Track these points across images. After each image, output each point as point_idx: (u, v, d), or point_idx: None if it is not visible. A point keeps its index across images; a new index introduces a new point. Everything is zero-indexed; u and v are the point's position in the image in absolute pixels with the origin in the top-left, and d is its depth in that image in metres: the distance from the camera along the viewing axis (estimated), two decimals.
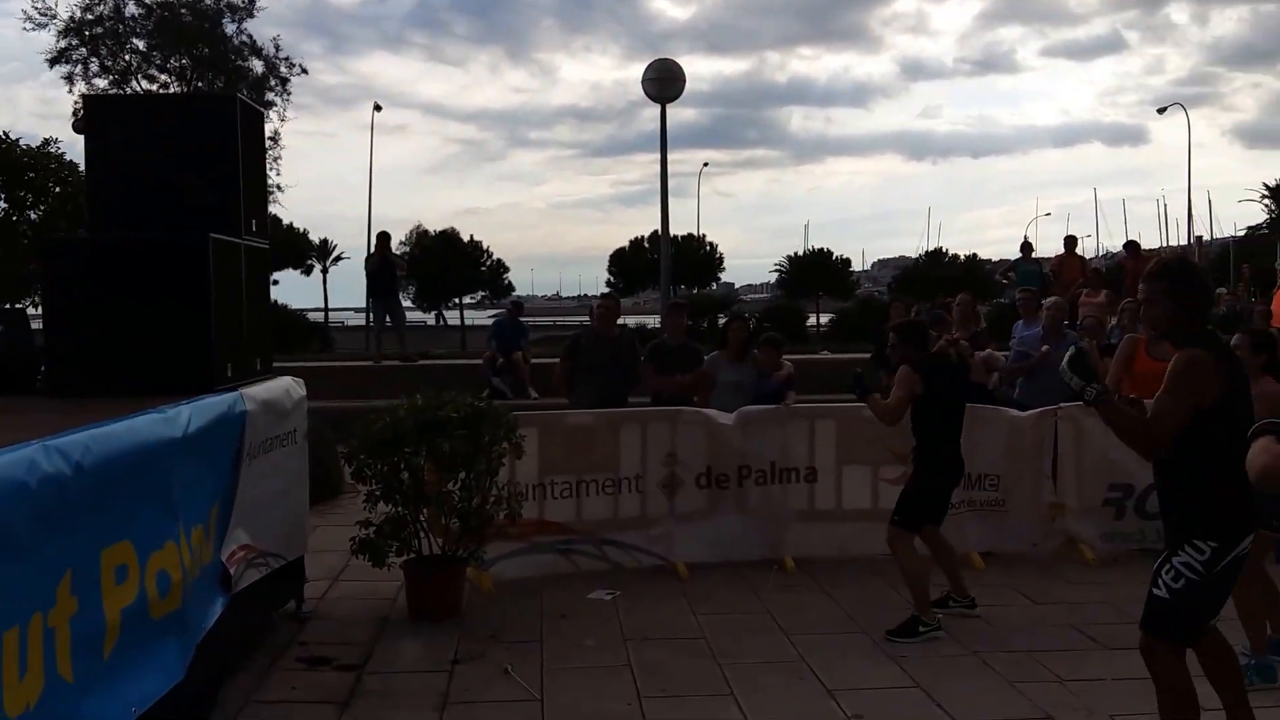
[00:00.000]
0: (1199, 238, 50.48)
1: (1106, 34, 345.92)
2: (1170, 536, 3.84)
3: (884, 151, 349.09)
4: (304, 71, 29.10)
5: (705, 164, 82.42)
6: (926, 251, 57.76)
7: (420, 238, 41.99)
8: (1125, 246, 16.62)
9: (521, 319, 15.56)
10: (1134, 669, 5.04)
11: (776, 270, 40.10)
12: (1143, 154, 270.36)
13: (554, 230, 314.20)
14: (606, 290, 33.44)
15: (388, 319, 15.81)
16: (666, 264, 17.40)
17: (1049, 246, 17.13)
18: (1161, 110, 69.17)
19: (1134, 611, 5.83)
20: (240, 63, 26.98)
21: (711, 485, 7.15)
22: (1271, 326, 10.05)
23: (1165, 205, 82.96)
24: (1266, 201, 58.20)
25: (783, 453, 7.20)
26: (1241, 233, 55.47)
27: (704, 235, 43.30)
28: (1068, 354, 3.85)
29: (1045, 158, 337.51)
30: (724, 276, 47.96)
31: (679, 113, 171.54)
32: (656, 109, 16.28)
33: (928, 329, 6.47)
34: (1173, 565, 3.74)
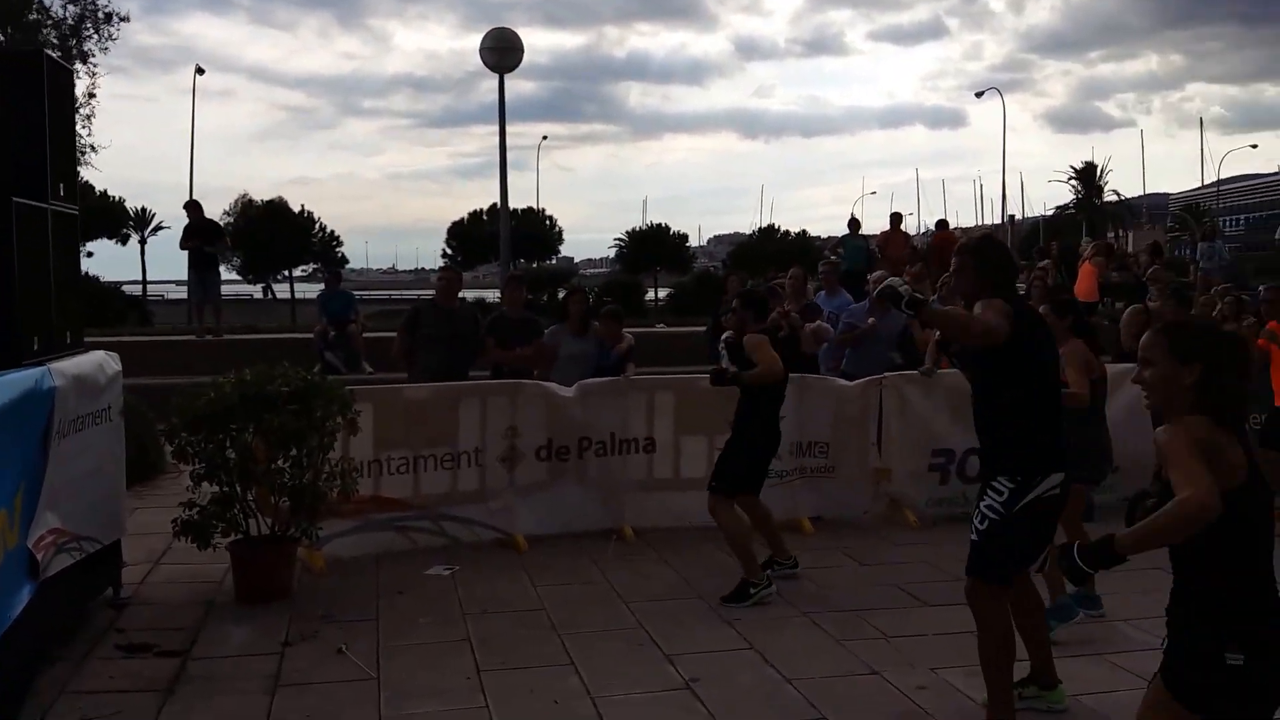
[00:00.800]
0: (1011, 217, 53.46)
1: (929, 20, 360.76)
2: (981, 483, 4.13)
3: (720, 129, 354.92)
4: (125, 20, 27.23)
5: (544, 137, 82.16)
6: (760, 228, 59.16)
7: (246, 207, 40.30)
8: (936, 224, 17.44)
9: (343, 288, 15.05)
10: (953, 624, 5.36)
11: (616, 245, 40.33)
12: (961, 136, 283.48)
13: (390, 202, 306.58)
14: (444, 263, 32.84)
15: (204, 292, 15.00)
16: (506, 237, 17.22)
17: (875, 224, 17.92)
18: (979, 95, 72.51)
19: (954, 570, 6.15)
20: (37, 16, 25.03)
21: (552, 458, 7.15)
22: (1074, 298, 10.69)
23: (981, 186, 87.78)
24: (1073, 183, 62.32)
25: (622, 424, 7.26)
26: (1050, 212, 59.16)
27: (544, 209, 43.19)
28: (888, 279, 4.12)
29: (872, 138, 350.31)
30: (564, 250, 47.98)
31: (517, 85, 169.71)
32: (495, 80, 16.05)
33: (768, 299, 6.61)
34: (979, 509, 4.01)
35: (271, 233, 35.12)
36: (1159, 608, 2.72)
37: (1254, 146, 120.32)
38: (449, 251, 41.15)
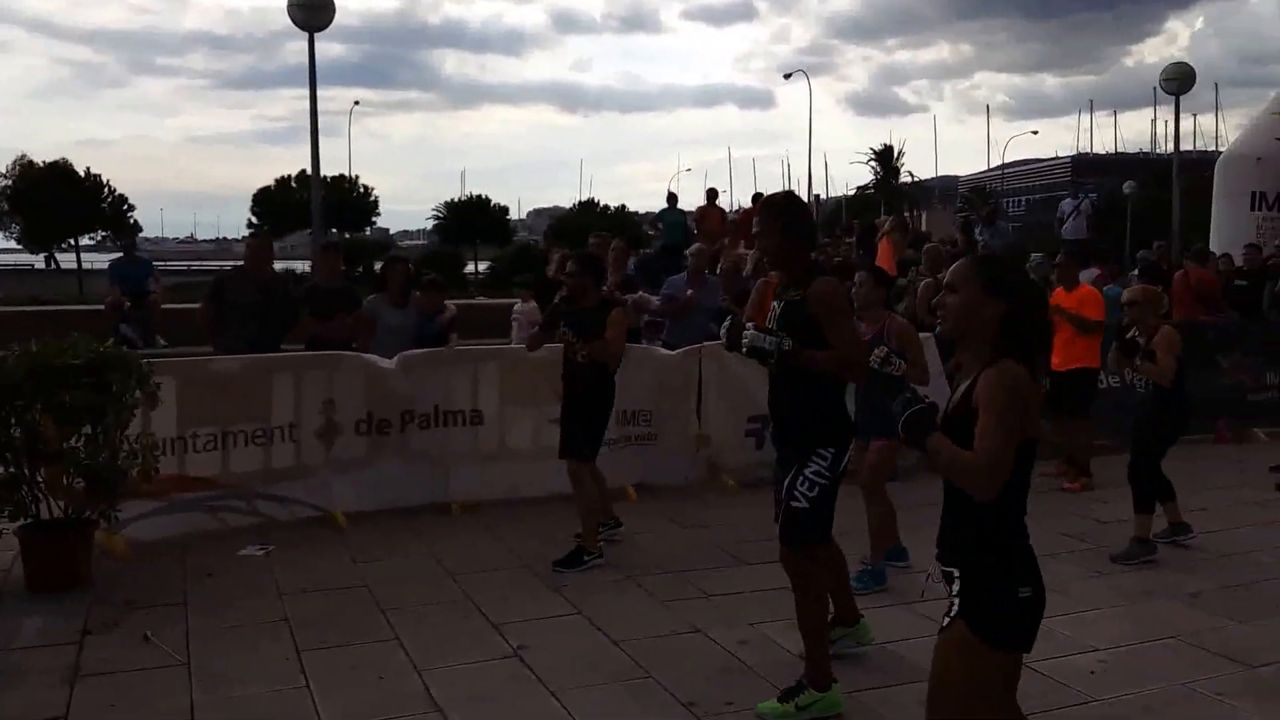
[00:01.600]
0: (817, 196, 55.43)
1: (739, 1, 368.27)
2: (792, 454, 4.21)
3: (538, 102, 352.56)
4: None
5: (356, 102, 79.48)
6: (580, 202, 59.34)
7: (25, 170, 37.32)
8: (753, 199, 17.88)
9: (139, 255, 14.14)
10: (771, 581, 5.55)
11: (434, 216, 39.63)
12: (770, 117, 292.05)
13: (187, 166, 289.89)
14: (251, 231, 31.39)
15: None
16: (318, 205, 16.55)
17: (691, 200, 18.20)
18: (787, 76, 74.36)
19: (770, 531, 6.34)
20: None
21: (372, 431, 6.98)
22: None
23: (789, 166, 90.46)
24: (873, 164, 65.21)
25: (447, 396, 7.16)
26: (852, 192, 61.69)
27: (357, 177, 41.91)
28: (749, 334, 4.05)
29: (687, 116, 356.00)
30: (379, 222, 46.70)
31: (327, 48, 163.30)
32: (301, 41, 15.34)
33: (605, 265, 6.61)
34: (805, 477, 4.12)
35: (55, 198, 32.67)
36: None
37: (1035, 133, 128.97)
38: (255, 220, 39.37)
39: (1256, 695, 4.27)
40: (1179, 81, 17.02)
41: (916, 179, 64.94)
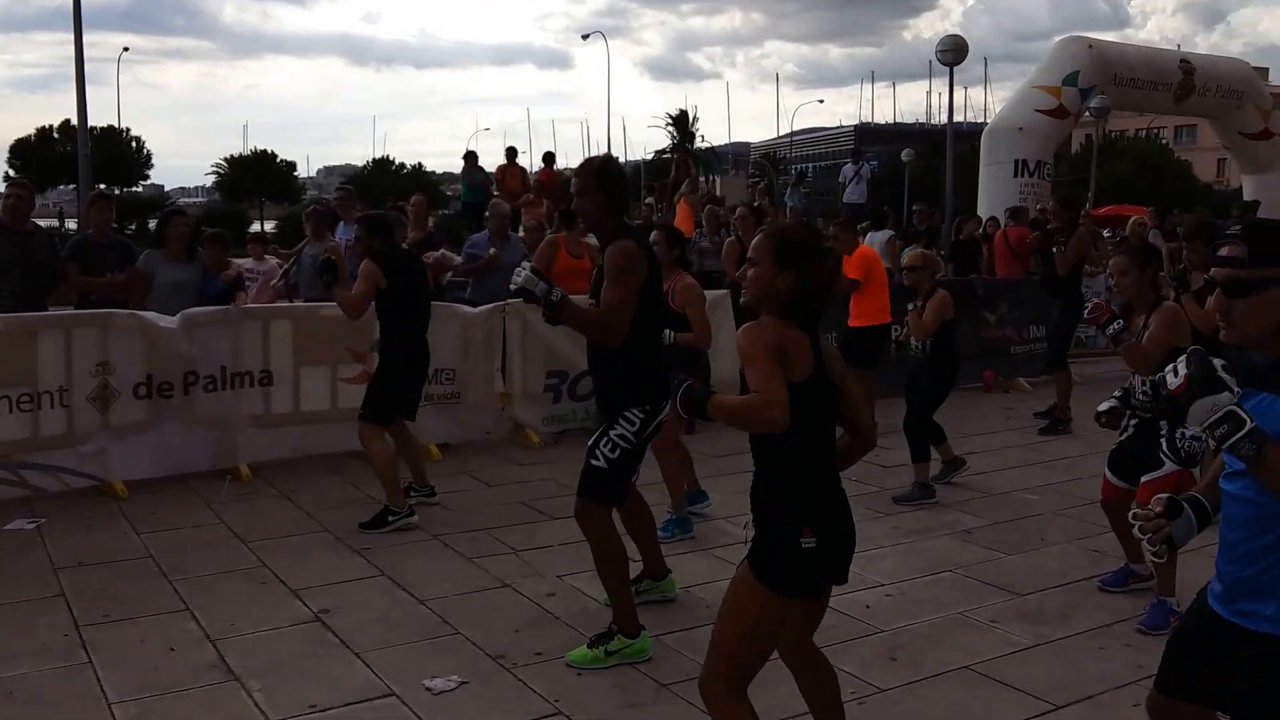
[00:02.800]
0: (615, 159, 55.75)
1: None
2: (605, 413, 4.26)
3: (326, 54, 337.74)
4: None
5: (125, 49, 73.86)
6: (373, 160, 57.50)
7: None
8: (544, 158, 17.75)
9: None
10: (575, 534, 5.56)
11: (215, 172, 37.49)
12: (569, 78, 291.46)
13: None
14: (9, 183, 28.80)
15: None
16: (85, 157, 15.39)
17: (490, 160, 17.89)
18: (585, 37, 74.12)
19: (573, 485, 6.46)
20: None
21: (153, 395, 6.56)
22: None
23: (588, 128, 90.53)
24: (670, 129, 66.19)
25: (234, 356, 6.81)
26: (650, 156, 62.46)
27: (128, 129, 39.11)
28: (522, 275, 4.01)
29: (485, 75, 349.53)
30: (154, 177, 43.78)
31: None
32: None
33: (393, 224, 6.42)
34: (609, 438, 4.15)
35: None
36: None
37: (821, 101, 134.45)
38: (13, 174, 36.15)
39: (1024, 620, 4.66)
40: (953, 53, 18.02)
41: (710, 145, 66.39)
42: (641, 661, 4.12)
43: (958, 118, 29.92)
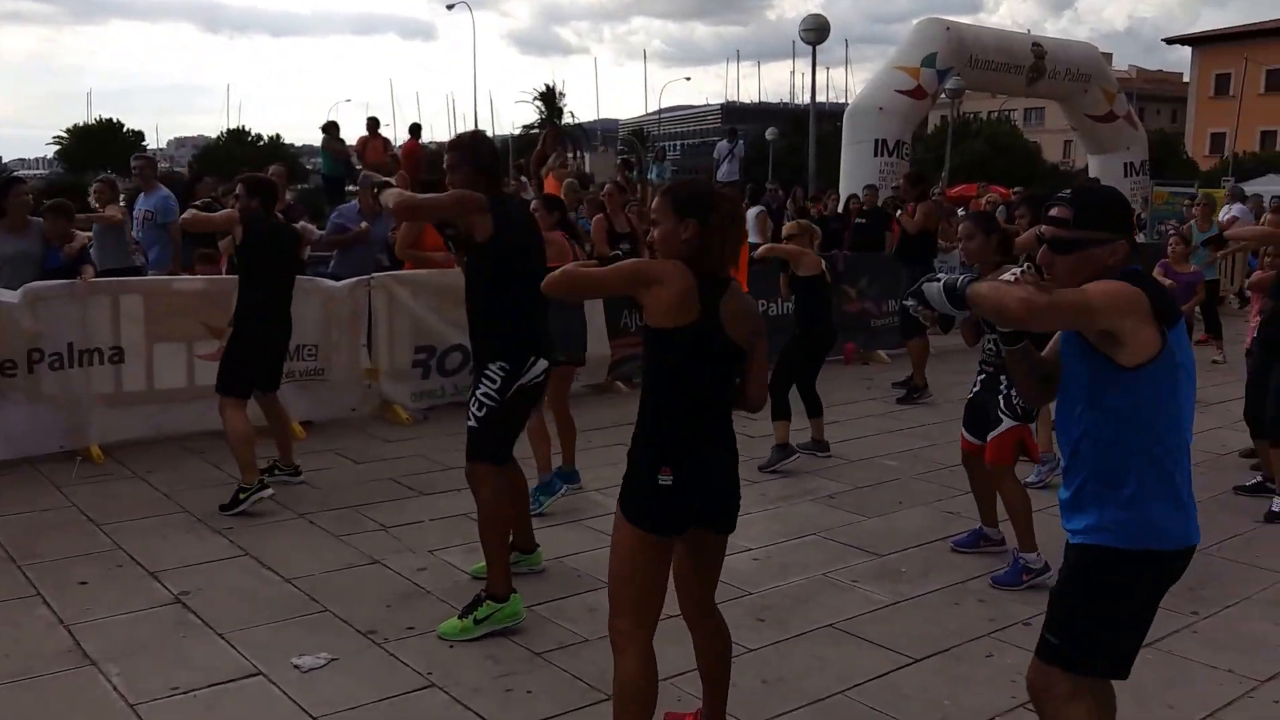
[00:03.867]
0: (485, 134, 55.03)
1: None
2: (475, 371, 4.30)
3: (176, 19, 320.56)
4: None
5: None
6: (228, 130, 55.33)
7: None
8: (410, 129, 17.44)
9: None
10: (447, 508, 5.61)
11: (56, 142, 35.49)
12: (434, 50, 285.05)
13: None
14: None
15: None
16: None
17: (351, 132, 17.42)
18: (450, 7, 73.36)
19: (445, 460, 6.47)
20: None
21: None
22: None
23: (454, 101, 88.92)
24: (538, 104, 65.67)
25: (82, 332, 6.47)
26: (519, 131, 61.88)
27: None
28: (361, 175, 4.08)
29: (345, 44, 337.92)
30: None
31: None
32: None
33: (277, 190, 6.16)
34: (476, 397, 4.19)
35: None
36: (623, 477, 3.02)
37: (688, 79, 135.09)
38: None
39: (884, 579, 4.85)
40: (815, 32, 18.39)
41: (579, 121, 66.17)
42: (514, 627, 4.13)
43: (820, 98, 30.55)
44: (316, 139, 17.27)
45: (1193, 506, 2.56)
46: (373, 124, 16.79)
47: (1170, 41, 62.21)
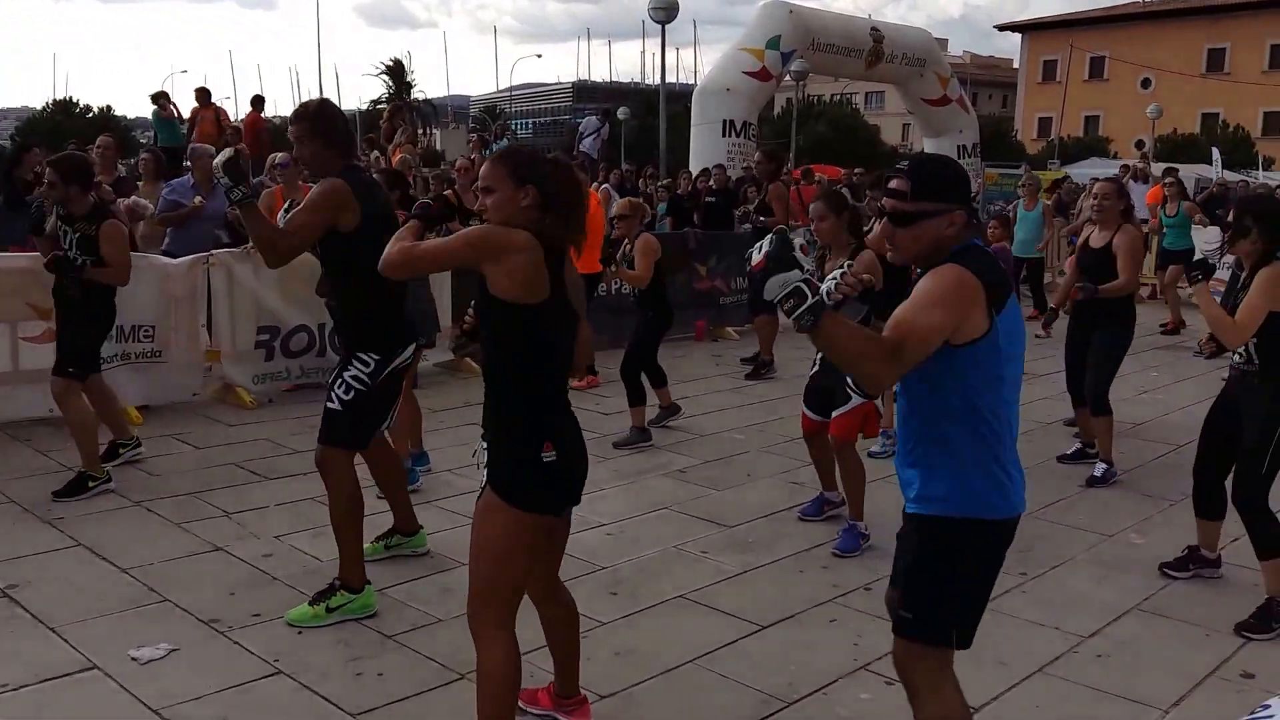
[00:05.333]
0: (331, 102, 53.27)
1: None
2: (342, 355, 4.19)
3: None
4: None
5: None
6: (53, 101, 52.03)
7: None
8: (253, 101, 16.76)
9: None
10: (295, 494, 5.48)
11: None
12: (275, 20, 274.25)
13: None
14: None
15: None
16: None
17: (189, 103, 16.52)
18: None
19: (291, 443, 6.31)
20: None
21: None
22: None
23: (298, 74, 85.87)
24: (385, 79, 64.06)
25: None
26: (366, 106, 60.22)
27: None
28: (223, 159, 3.88)
29: (179, 12, 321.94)
30: None
31: None
32: None
33: (89, 166, 5.82)
34: (344, 379, 4.07)
35: None
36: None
37: (539, 56, 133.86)
38: None
39: (733, 550, 4.98)
40: (665, 11, 18.50)
41: (428, 97, 64.87)
42: (365, 616, 4.07)
43: (671, 78, 30.84)
44: (149, 110, 16.37)
45: (1019, 477, 2.64)
46: (203, 95, 15.95)
47: (1001, 28, 65.21)
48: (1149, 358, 9.82)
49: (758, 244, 2.37)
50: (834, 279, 2.42)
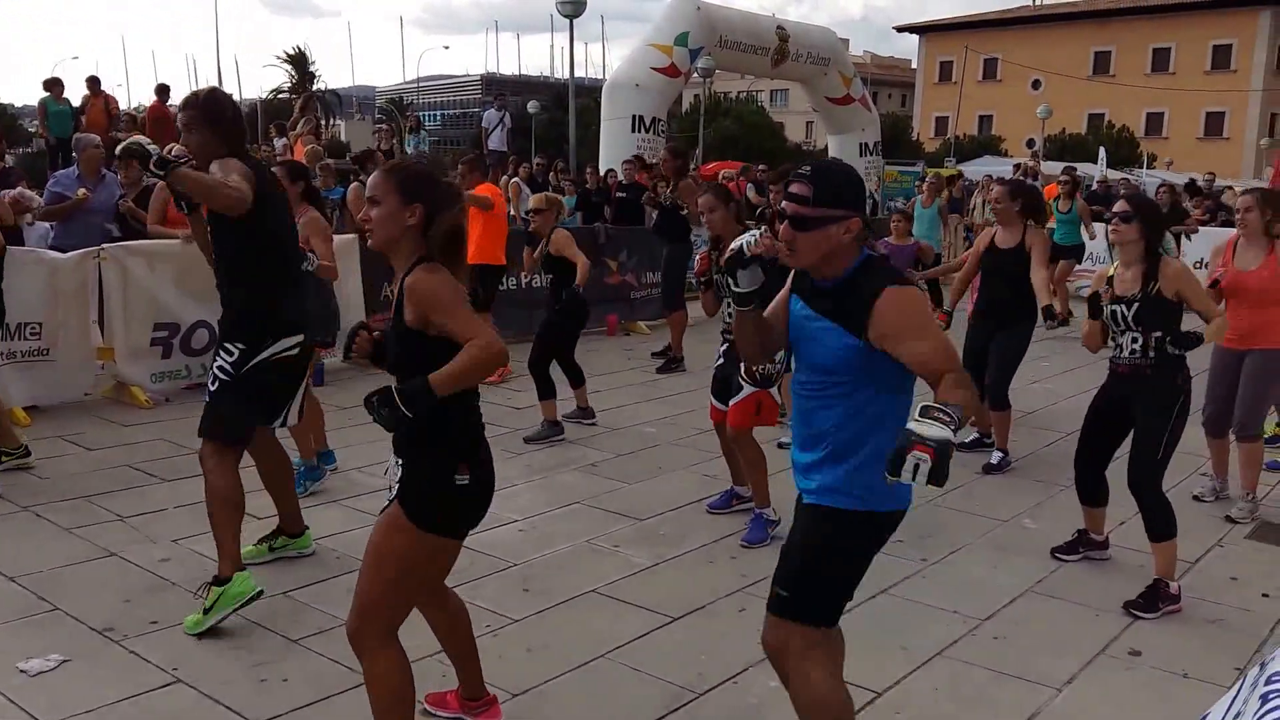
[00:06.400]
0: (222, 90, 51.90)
1: None
2: (216, 347, 4.10)
3: None
4: None
5: None
6: None
7: None
8: (157, 90, 16.20)
9: None
10: (192, 495, 5.29)
11: None
12: (172, 5, 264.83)
13: None
14: None
15: None
16: None
17: (80, 92, 15.84)
18: None
19: (190, 443, 6.06)
20: None
21: None
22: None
23: (195, 62, 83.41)
24: (287, 68, 62.66)
25: None
26: (268, 96, 58.80)
27: None
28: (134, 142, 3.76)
29: None
30: None
31: None
32: None
33: None
34: (212, 371, 4.01)
35: None
36: (383, 454, 2.96)
37: (447, 48, 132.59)
38: None
39: (645, 543, 5.00)
40: (573, 5, 18.48)
41: (332, 87, 63.67)
42: (245, 603, 3.91)
43: (579, 73, 30.78)
44: (37, 99, 15.70)
45: None
46: (93, 83, 15.41)
47: (900, 30, 66.49)
48: (1038, 348, 10.06)
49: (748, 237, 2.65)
50: (752, 236, 2.63)
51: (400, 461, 2.80)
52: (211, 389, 4.00)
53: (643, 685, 3.62)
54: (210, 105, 3.94)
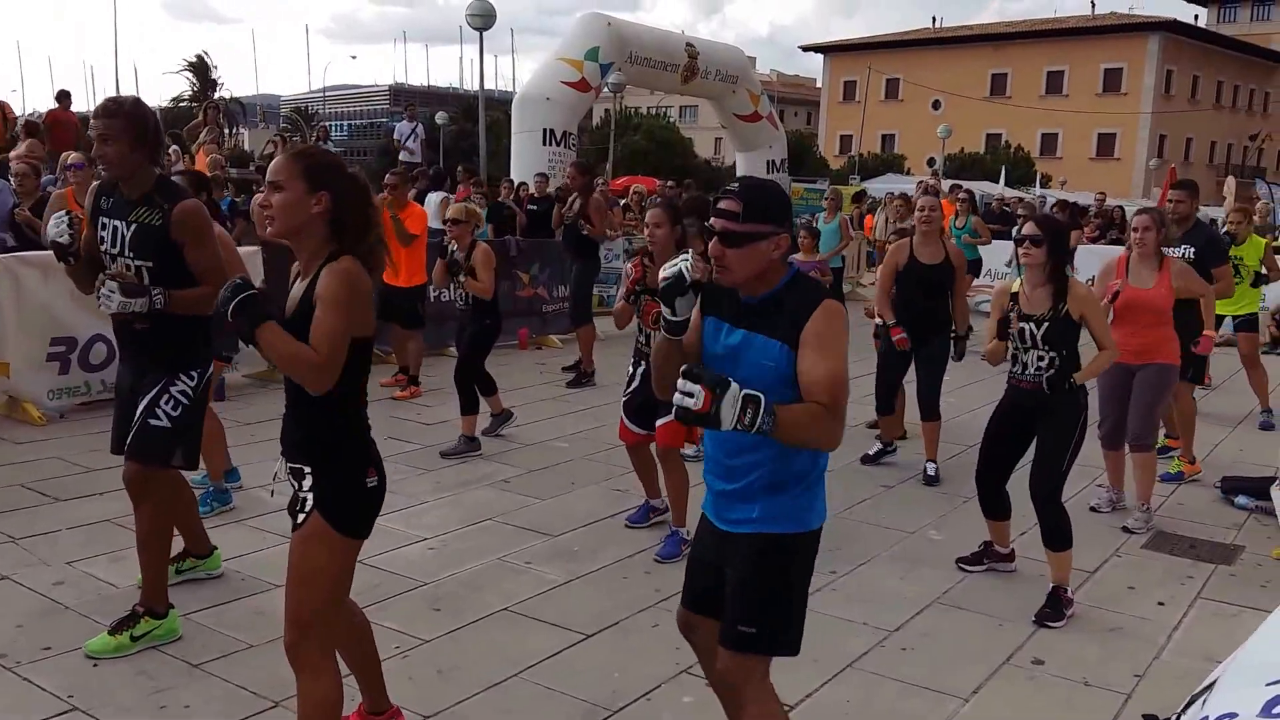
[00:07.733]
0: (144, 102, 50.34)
1: None
2: (156, 372, 3.88)
3: None
4: None
5: None
6: None
7: None
8: (58, 96, 15.68)
9: None
10: (87, 516, 5.15)
11: None
12: (68, 10, 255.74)
13: None
14: None
15: None
16: None
17: None
18: None
19: (85, 461, 5.92)
20: None
21: None
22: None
23: (93, 69, 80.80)
24: (188, 75, 61.04)
25: None
26: (168, 104, 57.17)
27: None
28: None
29: None
30: None
31: None
32: None
33: None
34: (171, 395, 3.85)
35: None
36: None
37: (354, 57, 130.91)
38: None
39: (558, 559, 4.97)
40: (482, 18, 18.33)
41: (235, 95, 62.22)
42: (170, 643, 3.85)
43: (489, 85, 30.63)
44: None
45: None
46: (62, 97, 14.86)
47: (805, 49, 67.68)
48: None
49: (678, 391, 2.30)
50: (686, 260, 2.61)
51: (305, 468, 2.74)
52: (174, 414, 3.84)
53: (556, 704, 3.60)
54: (136, 116, 3.78)
